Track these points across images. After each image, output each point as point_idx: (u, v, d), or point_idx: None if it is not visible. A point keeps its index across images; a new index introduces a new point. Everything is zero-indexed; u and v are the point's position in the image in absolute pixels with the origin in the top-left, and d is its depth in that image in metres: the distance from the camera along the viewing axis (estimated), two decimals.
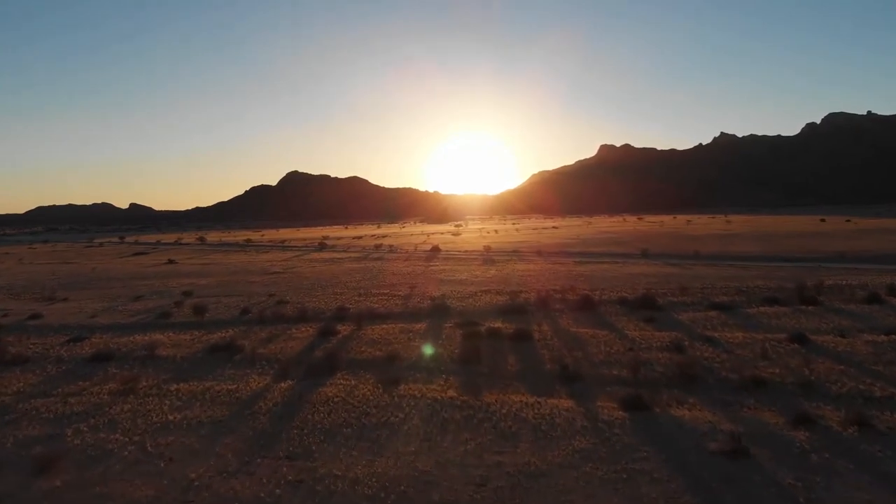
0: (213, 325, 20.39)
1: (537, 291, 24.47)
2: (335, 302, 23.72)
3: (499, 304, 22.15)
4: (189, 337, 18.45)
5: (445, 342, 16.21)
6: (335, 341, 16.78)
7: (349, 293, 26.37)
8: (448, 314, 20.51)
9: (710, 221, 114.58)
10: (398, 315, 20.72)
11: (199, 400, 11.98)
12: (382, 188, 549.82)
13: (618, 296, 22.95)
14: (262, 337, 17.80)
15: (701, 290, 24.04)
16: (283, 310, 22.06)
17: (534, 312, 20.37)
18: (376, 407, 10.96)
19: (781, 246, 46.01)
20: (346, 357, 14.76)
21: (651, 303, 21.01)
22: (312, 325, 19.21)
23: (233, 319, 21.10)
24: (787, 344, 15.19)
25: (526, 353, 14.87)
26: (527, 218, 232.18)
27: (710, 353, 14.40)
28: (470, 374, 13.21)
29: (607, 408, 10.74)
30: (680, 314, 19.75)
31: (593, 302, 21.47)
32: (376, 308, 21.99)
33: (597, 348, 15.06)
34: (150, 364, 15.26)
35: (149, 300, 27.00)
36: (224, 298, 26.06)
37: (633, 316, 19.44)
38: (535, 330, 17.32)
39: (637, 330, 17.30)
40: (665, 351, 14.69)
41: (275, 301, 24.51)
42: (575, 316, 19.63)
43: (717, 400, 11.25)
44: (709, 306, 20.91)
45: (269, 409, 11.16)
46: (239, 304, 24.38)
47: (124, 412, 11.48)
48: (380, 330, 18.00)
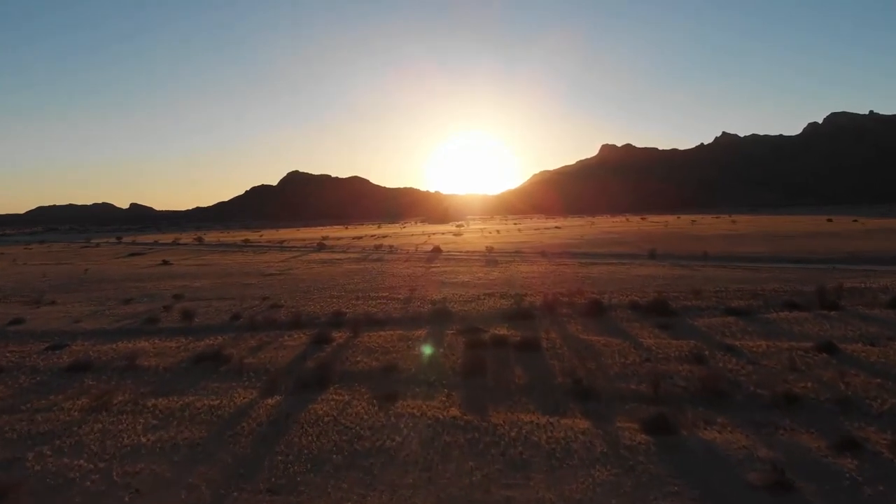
0: (201, 331, 19.30)
1: (543, 295, 23.37)
2: (331, 306, 22.63)
3: (503, 308, 21.05)
4: (175, 345, 17.37)
5: (447, 351, 15.11)
6: (329, 350, 15.69)
7: (347, 296, 25.28)
8: (450, 319, 19.43)
9: (715, 221, 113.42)
10: (397, 321, 19.63)
11: (176, 418, 10.89)
12: (383, 188, 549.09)
13: (628, 299, 21.85)
14: (251, 345, 16.71)
15: (715, 294, 22.94)
16: (276, 315, 20.98)
17: (540, 318, 19.28)
18: (370, 428, 9.86)
19: (790, 246, 44.88)
20: (339, 368, 13.66)
21: (664, 307, 19.90)
22: (306, 332, 18.12)
23: (222, 325, 20.02)
24: (815, 354, 14.09)
25: (534, 363, 13.76)
26: (528, 218, 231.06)
27: (733, 365, 13.29)
28: (474, 388, 12.11)
29: (628, 430, 9.64)
30: (695, 320, 18.64)
31: (603, 306, 20.37)
32: (374, 313, 20.90)
33: (611, 359, 13.95)
34: (130, 375, 14.18)
35: (138, 303, 25.92)
36: (216, 302, 24.98)
37: (646, 322, 18.35)
38: (543, 337, 16.22)
39: (652, 338, 16.20)
40: (685, 362, 13.59)
41: (268, 305, 23.43)
42: (584, 322, 18.52)
43: (748, 420, 10.15)
44: (725, 311, 19.82)
45: (253, 430, 10.07)
46: (231, 308, 23.31)
47: (94, 433, 10.40)
48: (377, 337, 16.91)
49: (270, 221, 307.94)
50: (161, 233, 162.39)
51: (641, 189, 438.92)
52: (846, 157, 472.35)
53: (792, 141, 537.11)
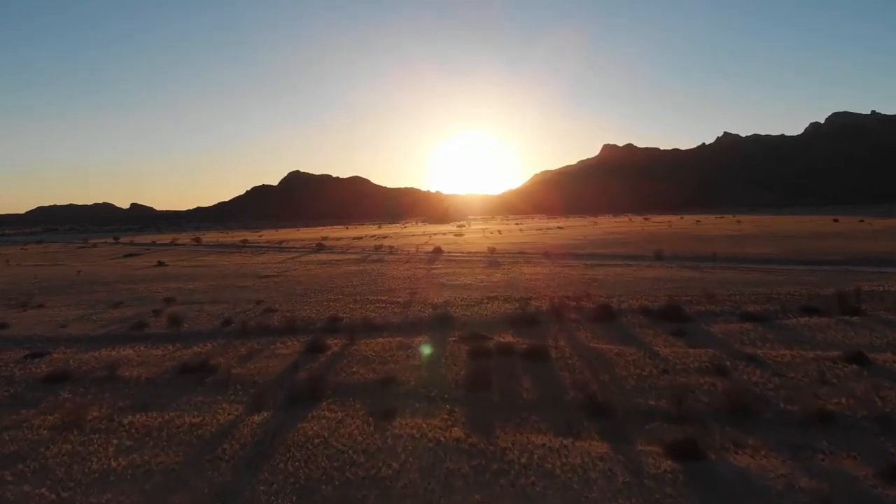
0: (190, 337, 18.34)
1: (549, 298, 22.40)
2: (328, 310, 21.65)
3: (507, 313, 20.06)
4: (160, 353, 16.40)
5: (449, 361, 14.13)
6: (323, 359, 14.71)
7: (344, 300, 24.30)
8: (452, 325, 18.45)
9: (719, 222, 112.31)
10: (396, 326, 18.64)
11: (153, 438, 9.92)
12: (384, 188, 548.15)
13: (639, 304, 20.87)
14: (241, 353, 15.74)
15: (728, 298, 21.94)
16: (269, 320, 20.01)
17: (547, 323, 18.29)
18: (365, 452, 8.89)
19: (800, 247, 43.85)
20: (333, 380, 12.69)
21: (677, 313, 18.91)
22: (300, 339, 17.15)
23: (213, 331, 19.04)
24: (844, 364, 13.10)
25: (543, 375, 12.78)
26: (530, 218, 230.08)
27: (758, 378, 12.30)
28: (479, 403, 11.14)
29: (651, 454, 8.67)
30: (711, 326, 17.65)
31: (612, 311, 19.38)
32: (372, 317, 19.92)
33: (625, 370, 12.97)
34: (109, 387, 13.22)
35: (128, 307, 24.95)
36: (208, 306, 24.01)
37: (660, 328, 17.36)
38: (552, 346, 15.24)
39: (667, 346, 15.21)
40: (706, 374, 12.60)
41: (262, 309, 22.45)
42: (594, 328, 17.53)
43: (782, 442, 9.18)
44: (741, 317, 18.82)
45: (235, 454, 9.10)
46: (223, 312, 22.35)
47: (61, 455, 9.45)
48: (375, 345, 15.93)
49: (271, 221, 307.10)
50: (160, 233, 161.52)
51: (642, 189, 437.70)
52: (848, 157, 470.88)
53: (793, 141, 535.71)
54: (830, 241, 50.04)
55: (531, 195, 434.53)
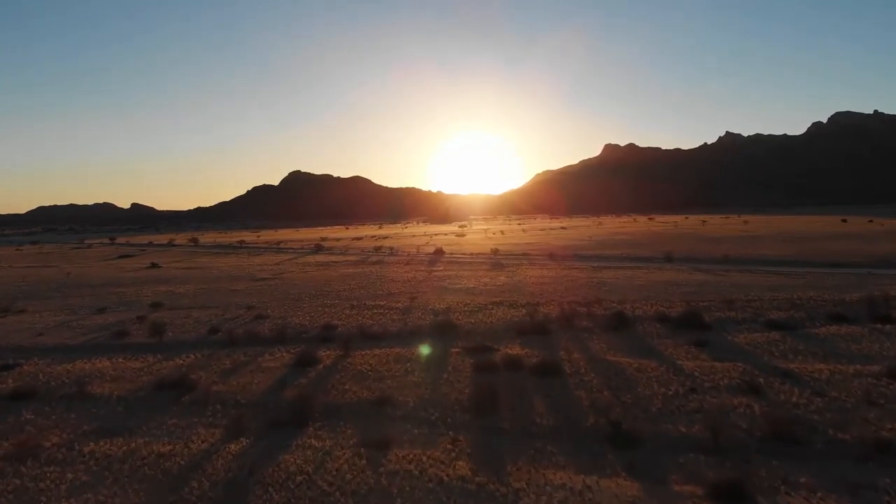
0: (172, 347, 17.06)
1: (558, 304, 21.12)
2: (322, 317, 20.36)
3: (514, 320, 18.76)
4: (138, 365, 15.11)
5: (452, 376, 12.82)
6: (313, 374, 13.41)
7: (340, 305, 23.01)
8: (454, 334, 17.15)
9: (726, 222, 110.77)
10: (395, 336, 17.34)
11: (114, 473, 8.63)
12: (385, 188, 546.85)
13: (654, 310, 19.56)
14: (224, 367, 14.44)
15: (748, 303, 20.63)
16: (259, 327, 18.72)
17: (557, 332, 16.99)
18: (354, 495, 7.58)
19: (814, 249, 42.49)
20: (323, 400, 11.39)
21: (697, 320, 17.60)
22: (290, 349, 15.87)
23: (197, 340, 17.75)
24: (888, 382, 11.80)
25: (557, 394, 11.47)
26: (532, 218, 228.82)
27: (798, 398, 11.00)
28: (486, 430, 9.84)
29: (691, 498, 7.37)
30: (735, 335, 16.34)
31: (627, 318, 18.07)
32: (369, 325, 18.62)
33: (648, 388, 11.66)
34: (77, 407, 11.94)
35: (113, 313, 23.68)
36: (196, 311, 22.73)
37: (680, 338, 16.05)
38: (564, 358, 13.94)
39: (691, 359, 13.91)
40: (739, 393, 11.29)
41: (252, 316, 21.15)
42: (608, 338, 16.22)
43: (838, 479, 7.88)
44: (766, 325, 17.52)
45: (204, 495, 7.81)
46: (211, 319, 21.06)
47: (7, 493, 8.18)
48: (371, 357, 14.63)
49: (271, 221, 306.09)
50: (159, 233, 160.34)
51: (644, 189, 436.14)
52: (850, 157, 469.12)
53: (796, 141, 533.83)
54: (844, 242, 48.66)
55: (533, 195, 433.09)
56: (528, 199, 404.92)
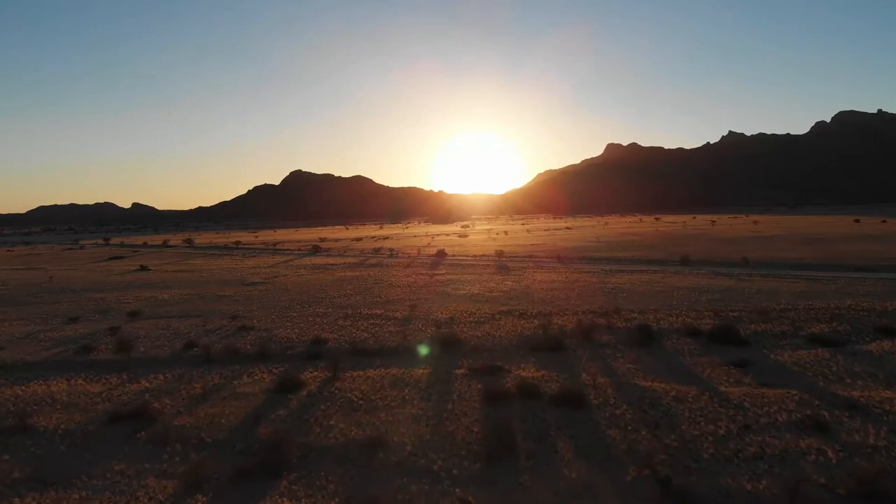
0: (141, 365, 15.15)
1: (572, 313, 19.19)
2: (312, 329, 18.42)
3: (525, 333, 16.82)
4: (97, 389, 13.19)
5: (458, 407, 10.87)
6: (295, 403, 11.45)
7: (333, 314, 21.08)
8: (459, 350, 15.23)
9: (736, 222, 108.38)
10: (391, 352, 15.40)
11: None
12: (387, 187, 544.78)
13: (681, 322, 17.61)
14: (194, 392, 12.50)
15: (783, 314, 18.68)
16: (240, 342, 16.80)
17: (576, 348, 15.05)
18: None
19: (834, 251, 40.47)
20: (303, 441, 9.46)
21: (732, 335, 15.65)
22: (273, 369, 13.96)
23: (170, 357, 15.83)
24: None
25: (585, 434, 9.51)
26: (535, 218, 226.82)
27: (874, 438, 9.05)
28: (501, 487, 7.89)
29: None
30: (777, 353, 14.40)
31: (652, 331, 16.13)
32: (364, 339, 16.69)
33: (694, 425, 9.70)
34: (14, 444, 10.05)
35: (86, 322, 21.78)
36: (176, 321, 20.81)
37: (715, 355, 14.12)
38: (588, 382, 11.99)
39: (734, 383, 11.95)
40: (803, 432, 9.33)
41: (236, 327, 19.20)
42: (635, 356, 14.26)
43: None
44: (809, 340, 15.58)
45: None
46: (191, 330, 19.14)
47: None
48: (363, 380, 12.68)
49: (272, 221, 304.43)
50: (157, 233, 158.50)
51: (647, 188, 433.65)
52: (854, 156, 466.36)
53: (799, 140, 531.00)
54: (862, 244, 46.61)
55: (535, 195, 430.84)
56: (531, 198, 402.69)
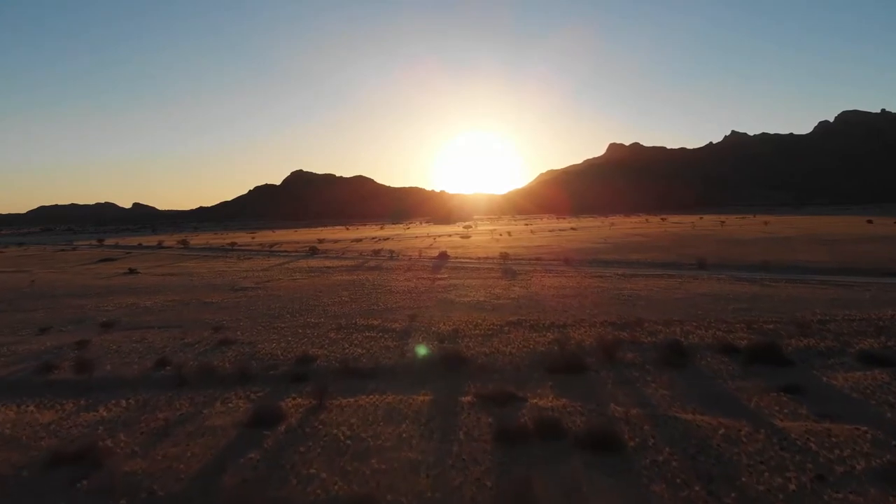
0: (104, 387, 13.34)
1: (589, 325, 17.36)
2: (300, 343, 16.58)
3: (539, 349, 14.98)
4: (48, 418, 11.37)
5: (465, 449, 9.02)
6: (271, 442, 9.61)
7: (325, 325, 19.24)
8: (465, 370, 13.39)
9: (745, 223, 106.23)
10: (388, 373, 13.56)
11: None
12: (388, 187, 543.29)
13: (712, 336, 15.77)
14: (156, 424, 10.66)
15: (823, 326, 16.83)
16: (218, 359, 14.97)
17: (598, 369, 13.21)
18: None
19: (856, 254, 38.58)
20: (274, 498, 7.61)
21: (774, 353, 13.80)
22: (251, 394, 12.15)
23: (137, 378, 13.99)
24: None
25: (624, 490, 7.65)
26: (538, 218, 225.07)
27: None
28: None
29: None
30: (829, 375, 12.56)
31: (683, 349, 14.27)
32: (357, 357, 14.86)
33: (754, 475, 7.85)
34: None
35: (56, 334, 19.97)
36: (152, 334, 18.97)
37: (758, 378, 12.30)
38: (619, 416, 10.15)
39: (790, 416, 10.13)
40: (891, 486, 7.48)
41: (216, 341, 17.34)
42: (667, 379, 12.42)
43: None
44: (860, 359, 13.72)
45: None
46: (167, 344, 17.32)
47: None
48: (354, 411, 10.84)
49: (273, 221, 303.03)
50: (155, 234, 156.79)
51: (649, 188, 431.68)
52: (857, 156, 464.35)
53: (802, 139, 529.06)
54: (879, 245, 44.68)
55: (537, 195, 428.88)
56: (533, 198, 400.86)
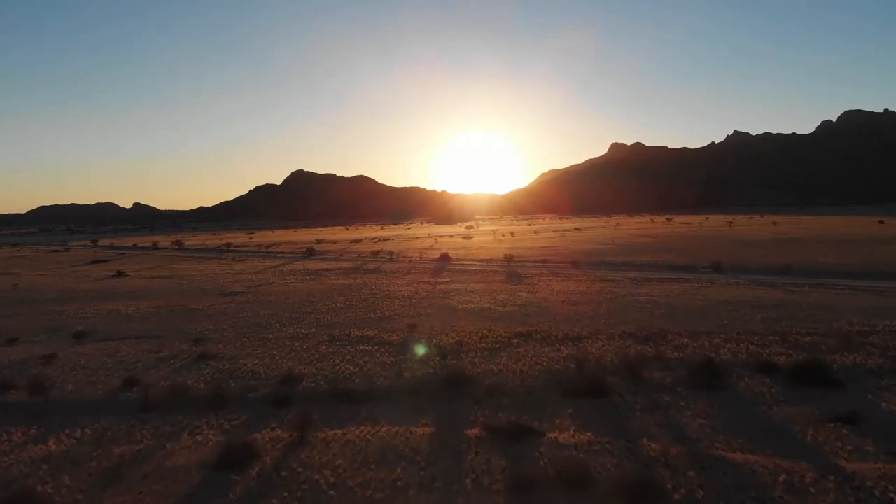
0: (61, 411, 11.73)
1: (607, 337, 15.71)
2: (286, 359, 14.94)
3: (554, 367, 13.34)
4: None
5: (471, 501, 7.38)
6: (240, 491, 7.97)
7: (316, 336, 17.61)
8: (470, 394, 11.74)
9: (753, 223, 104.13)
10: (383, 396, 11.92)
11: None
12: (390, 187, 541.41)
13: (745, 350, 14.15)
14: (109, 462, 9.03)
15: (864, 339, 15.17)
16: (193, 377, 13.35)
17: (623, 392, 11.56)
18: None
19: (875, 256, 36.89)
20: None
21: (820, 372, 12.16)
22: (224, 424, 10.53)
23: (99, 401, 12.38)
24: None
25: None
26: (540, 218, 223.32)
27: None
28: None
29: None
30: (887, 401, 10.93)
31: (716, 366, 12.63)
32: (348, 375, 13.23)
33: None
34: None
35: (24, 345, 18.38)
36: (126, 346, 17.35)
37: (808, 404, 10.69)
38: (655, 453, 8.50)
39: (855, 455, 8.54)
40: None
41: (194, 356, 15.69)
42: (703, 406, 10.77)
43: None
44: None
45: None
46: (140, 359, 15.70)
47: None
48: (340, 447, 9.21)
49: (273, 221, 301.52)
50: (153, 234, 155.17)
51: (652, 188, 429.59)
52: (860, 156, 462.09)
53: (805, 139, 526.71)
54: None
55: (538, 195, 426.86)
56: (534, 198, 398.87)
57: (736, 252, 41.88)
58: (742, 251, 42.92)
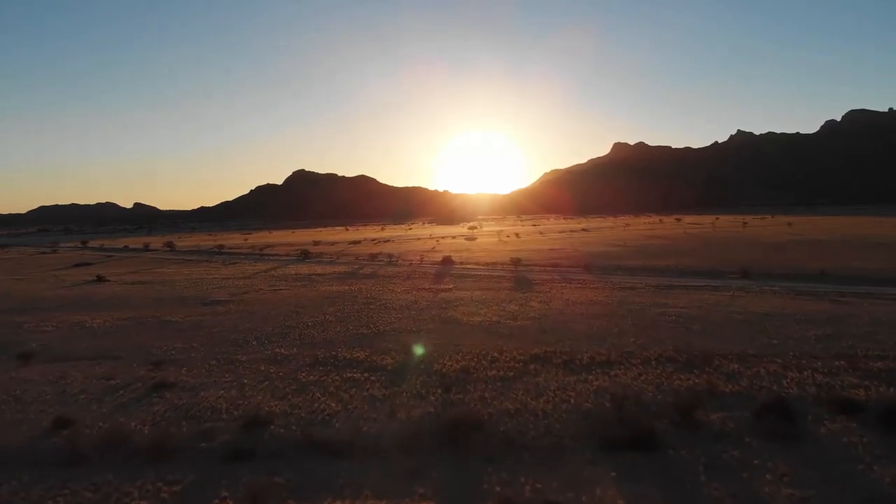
0: None
1: (641, 362, 13.22)
2: (258, 391, 12.41)
3: (583, 405, 10.81)
4: None
5: None
6: None
7: (298, 360, 15.09)
8: (480, 445, 9.24)
9: (766, 223, 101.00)
10: (369, 448, 9.39)
11: None
12: (391, 187, 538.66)
13: (812, 381, 11.63)
14: None
15: None
16: (138, 417, 10.83)
17: (676, 443, 9.05)
18: None
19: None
20: None
21: None
22: (162, 490, 8.05)
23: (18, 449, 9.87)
24: None
25: None
26: (544, 218, 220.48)
27: None
28: None
29: None
30: None
31: (787, 406, 10.10)
32: (329, 416, 10.71)
33: None
34: None
35: None
36: (77, 370, 14.83)
37: None
38: None
39: None
40: None
41: (151, 383, 13.17)
42: (788, 464, 8.28)
43: None
44: None
45: None
46: (86, 386, 13.21)
47: None
48: None
49: (274, 221, 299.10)
50: (150, 234, 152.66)
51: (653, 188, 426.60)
52: (865, 155, 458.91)
53: (809, 139, 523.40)
54: None
55: (541, 195, 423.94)
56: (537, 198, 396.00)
57: (762, 256, 39.23)
58: (767, 254, 40.32)
